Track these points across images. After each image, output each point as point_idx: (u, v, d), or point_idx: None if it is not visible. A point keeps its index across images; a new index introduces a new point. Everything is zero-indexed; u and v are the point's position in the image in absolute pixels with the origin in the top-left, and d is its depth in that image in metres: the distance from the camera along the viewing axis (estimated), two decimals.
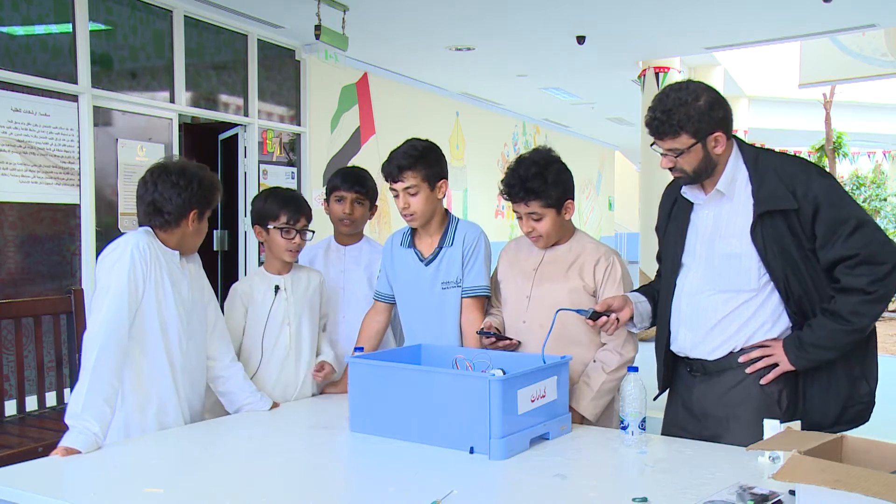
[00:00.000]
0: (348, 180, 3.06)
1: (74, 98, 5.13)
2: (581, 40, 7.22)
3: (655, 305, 2.49)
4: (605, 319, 2.38)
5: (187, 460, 2.13)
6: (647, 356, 2.60)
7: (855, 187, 18.07)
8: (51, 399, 3.51)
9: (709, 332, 2.27)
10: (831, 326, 2.14)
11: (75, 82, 5.13)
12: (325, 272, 3.12)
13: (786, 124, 16.04)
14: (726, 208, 2.27)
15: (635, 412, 2.16)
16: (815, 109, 16.10)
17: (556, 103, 11.36)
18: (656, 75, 8.65)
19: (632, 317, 2.42)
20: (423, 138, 2.76)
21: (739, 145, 2.30)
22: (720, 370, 2.27)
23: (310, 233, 2.80)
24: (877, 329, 2.25)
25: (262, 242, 2.82)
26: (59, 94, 5.04)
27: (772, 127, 15.18)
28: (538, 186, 2.48)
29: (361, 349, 2.71)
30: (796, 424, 2.05)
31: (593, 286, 2.55)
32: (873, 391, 2.24)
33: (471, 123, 10.87)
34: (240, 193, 6.65)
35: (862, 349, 2.23)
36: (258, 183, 6.78)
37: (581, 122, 13.50)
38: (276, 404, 2.64)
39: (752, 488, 1.71)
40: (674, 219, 2.42)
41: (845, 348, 2.17)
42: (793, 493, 1.63)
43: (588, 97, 11.02)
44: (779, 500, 1.65)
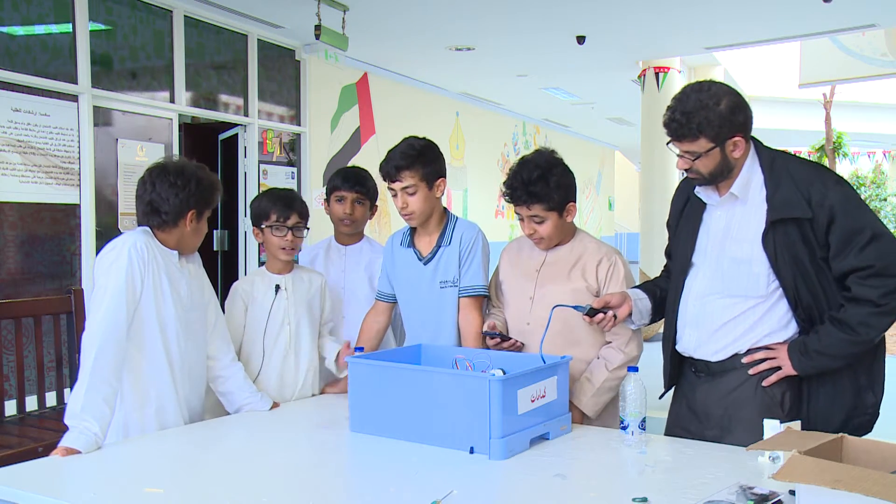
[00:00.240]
0: (349, 180, 3.06)
1: (74, 98, 5.13)
2: (581, 40, 7.22)
3: (656, 302, 2.48)
4: (601, 317, 2.37)
5: (187, 460, 2.13)
6: (651, 356, 2.59)
7: (855, 187, 18.08)
8: (51, 399, 3.51)
9: (713, 333, 2.26)
10: (838, 335, 2.11)
11: (75, 82, 5.13)
12: (325, 272, 3.12)
13: (786, 124, 16.05)
14: (739, 211, 2.23)
15: (635, 412, 2.16)
16: (815, 109, 16.12)
17: (556, 103, 11.37)
18: (656, 75, 8.66)
19: (631, 313, 2.41)
20: (421, 136, 2.74)
21: (756, 147, 2.25)
22: (723, 371, 2.26)
23: (305, 230, 2.78)
24: (885, 339, 2.21)
25: (262, 244, 2.82)
26: (59, 94, 5.04)
27: (772, 127, 15.17)
28: (541, 190, 2.46)
29: (361, 349, 2.71)
30: (796, 424, 2.04)
31: (596, 286, 2.54)
32: (878, 402, 2.21)
33: (471, 123, 10.87)
34: (240, 193, 6.64)
35: (869, 360, 2.19)
36: (258, 183, 6.78)
37: (581, 122, 13.50)
38: (276, 404, 2.64)
39: (752, 488, 1.71)
40: (685, 217, 2.39)
41: (850, 358, 2.14)
42: (793, 493, 1.63)
43: (588, 97, 11.02)
44: (779, 500, 1.65)
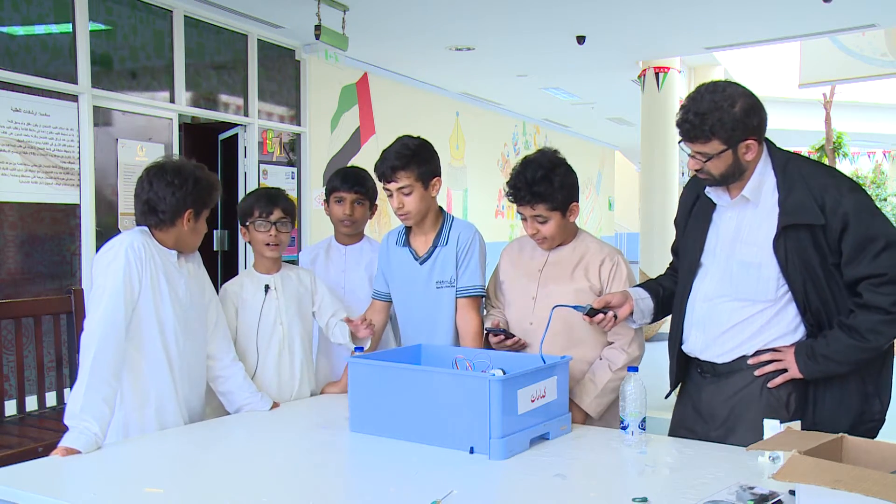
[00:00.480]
0: (348, 181, 3.05)
1: (74, 98, 5.13)
2: (581, 40, 7.22)
3: (659, 301, 2.47)
4: (601, 317, 2.37)
5: (187, 460, 2.13)
6: (652, 355, 2.59)
7: None
8: (51, 399, 3.51)
9: (720, 336, 2.24)
10: (846, 341, 2.10)
11: (75, 82, 5.13)
12: (325, 272, 3.11)
13: (786, 124, 16.04)
14: (750, 214, 2.21)
15: (635, 412, 2.16)
16: (815, 109, 16.11)
17: (556, 103, 11.36)
18: (656, 75, 8.66)
19: (632, 312, 2.41)
20: (415, 135, 2.72)
21: (770, 149, 2.23)
22: (730, 372, 2.25)
23: (290, 225, 2.75)
24: (894, 347, 2.20)
25: (249, 242, 2.79)
26: (59, 94, 5.04)
27: (772, 127, 14.89)
28: (544, 190, 2.46)
29: (361, 349, 2.70)
30: (796, 424, 2.04)
31: (599, 286, 2.54)
32: (885, 410, 2.19)
33: (471, 123, 10.87)
34: (240, 193, 6.63)
35: (877, 366, 2.18)
36: (258, 183, 6.78)
37: (581, 122, 13.50)
38: (276, 404, 2.63)
39: (752, 488, 1.70)
40: (695, 216, 2.36)
41: (857, 364, 2.13)
42: (793, 493, 1.63)
43: (588, 97, 11.02)
44: (779, 500, 1.65)
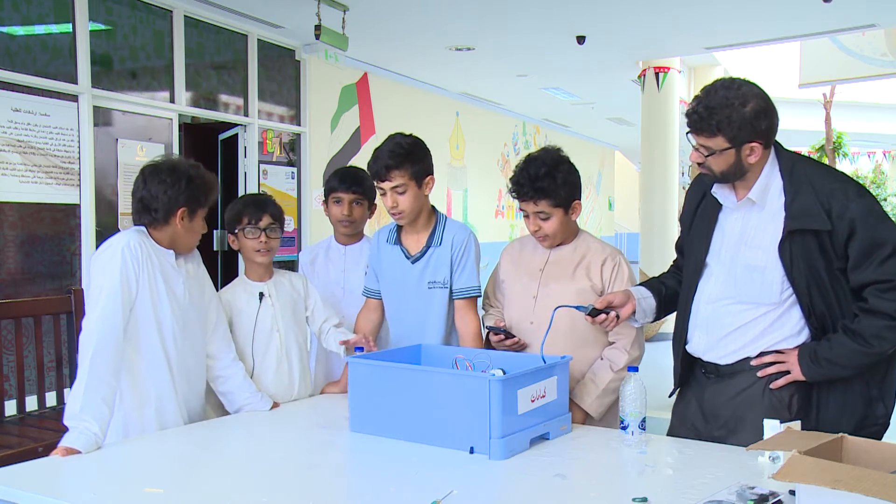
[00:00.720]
0: (345, 181, 3.04)
1: (74, 98, 5.13)
2: (581, 40, 7.22)
3: (661, 300, 2.47)
4: (603, 317, 2.37)
5: (187, 460, 2.13)
6: (652, 355, 2.59)
7: None
8: (51, 399, 3.51)
9: (723, 338, 2.24)
10: (850, 346, 2.09)
11: (75, 82, 5.13)
12: (325, 272, 3.11)
13: (786, 124, 15.86)
14: (755, 216, 2.20)
15: (635, 412, 2.16)
16: (815, 109, 16.11)
17: (556, 103, 11.36)
18: (656, 75, 8.66)
19: (634, 312, 2.40)
20: (408, 133, 2.70)
21: (777, 152, 2.22)
22: (732, 373, 2.25)
23: (279, 231, 2.73)
24: None
25: (239, 250, 2.75)
26: (59, 94, 5.04)
27: None
28: (548, 186, 2.47)
29: (361, 349, 2.70)
30: (796, 424, 2.04)
31: (601, 286, 2.54)
32: (889, 414, 2.19)
33: (471, 123, 10.87)
34: (240, 193, 6.64)
35: (881, 370, 2.17)
36: (258, 183, 6.78)
37: (581, 122, 13.50)
38: (276, 404, 2.63)
39: (752, 488, 1.71)
40: (700, 216, 2.36)
41: (859, 368, 2.13)
42: (793, 493, 1.63)
43: (588, 97, 11.02)
44: (779, 500, 1.65)
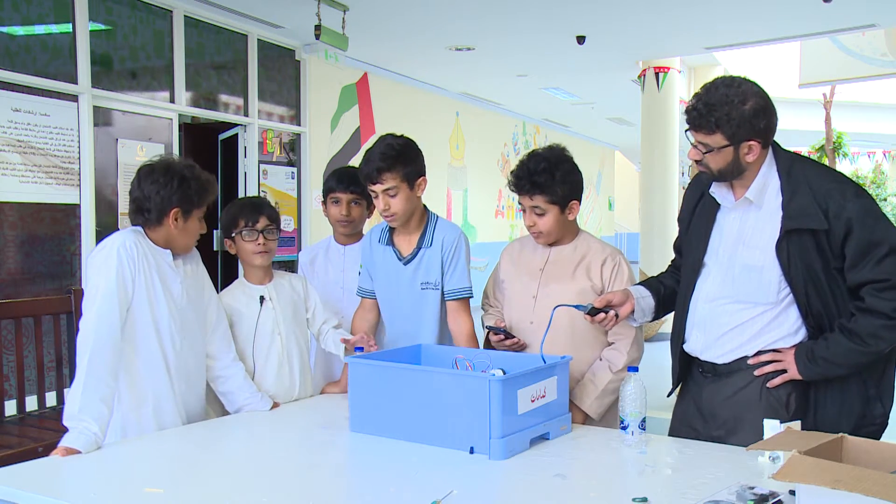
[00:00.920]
0: (343, 181, 3.04)
1: (74, 98, 5.13)
2: (581, 40, 7.23)
3: (660, 300, 2.47)
4: (602, 316, 2.37)
5: (187, 460, 2.13)
6: (652, 355, 2.59)
7: None
8: (51, 399, 3.51)
9: (720, 337, 2.24)
10: (847, 345, 2.09)
11: (75, 82, 5.14)
12: (325, 272, 3.11)
13: (786, 124, 16.02)
14: (753, 216, 2.21)
15: (635, 412, 2.15)
16: (815, 109, 16.11)
17: (556, 103, 11.37)
18: (656, 75, 8.66)
19: (633, 311, 2.40)
20: (399, 134, 2.68)
21: (775, 151, 2.22)
22: (730, 372, 2.25)
23: (276, 233, 2.72)
24: None
25: (236, 255, 2.74)
26: (59, 94, 5.05)
27: None
28: (545, 181, 2.47)
29: (361, 349, 2.70)
30: (796, 424, 2.04)
31: (601, 286, 2.54)
32: (887, 413, 2.19)
33: (471, 123, 10.87)
34: (240, 194, 6.64)
35: (879, 369, 2.17)
36: (258, 183, 6.79)
37: (581, 122, 13.51)
38: (276, 404, 2.63)
39: (752, 488, 1.71)
40: (698, 215, 2.36)
41: (856, 367, 2.13)
42: (793, 493, 1.63)
43: (588, 97, 11.02)
44: (779, 500, 1.65)
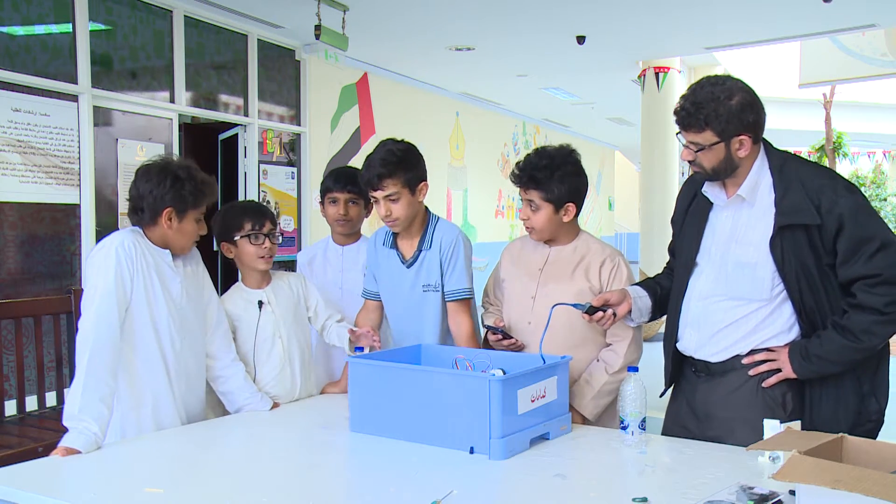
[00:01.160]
0: (340, 181, 3.03)
1: (74, 98, 5.13)
2: (581, 40, 7.22)
3: (657, 300, 2.47)
4: (600, 315, 2.37)
5: (187, 460, 2.13)
6: (651, 355, 2.59)
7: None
8: (51, 399, 3.51)
9: (714, 335, 2.25)
10: (840, 342, 2.10)
11: (75, 82, 5.13)
12: (323, 273, 3.11)
13: (786, 124, 16.05)
14: (746, 214, 2.22)
15: (635, 412, 2.15)
16: (815, 109, 16.12)
17: (556, 103, 11.37)
18: (656, 75, 8.66)
19: (630, 311, 2.41)
20: (400, 139, 2.67)
21: (766, 149, 2.23)
22: (724, 371, 2.25)
23: (277, 236, 2.70)
24: (889, 347, 2.18)
25: (233, 259, 2.71)
26: (59, 94, 5.05)
27: (772, 127, 14.95)
28: (543, 177, 2.48)
29: (361, 349, 2.70)
30: (796, 424, 2.04)
31: (599, 287, 2.53)
32: (883, 410, 2.19)
33: (471, 123, 10.87)
34: (240, 194, 6.64)
35: (872, 366, 2.17)
36: (258, 183, 6.78)
37: (581, 122, 13.50)
38: (276, 404, 2.63)
39: (752, 488, 1.71)
40: (691, 215, 2.37)
41: (850, 364, 2.13)
42: (793, 493, 1.63)
43: (588, 97, 11.02)
44: (779, 500, 1.65)
